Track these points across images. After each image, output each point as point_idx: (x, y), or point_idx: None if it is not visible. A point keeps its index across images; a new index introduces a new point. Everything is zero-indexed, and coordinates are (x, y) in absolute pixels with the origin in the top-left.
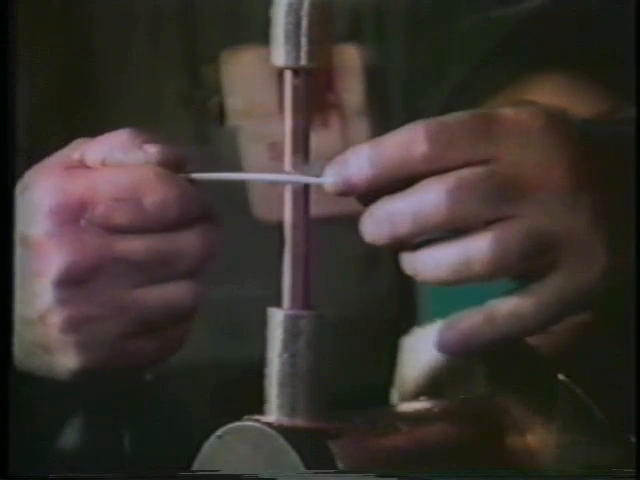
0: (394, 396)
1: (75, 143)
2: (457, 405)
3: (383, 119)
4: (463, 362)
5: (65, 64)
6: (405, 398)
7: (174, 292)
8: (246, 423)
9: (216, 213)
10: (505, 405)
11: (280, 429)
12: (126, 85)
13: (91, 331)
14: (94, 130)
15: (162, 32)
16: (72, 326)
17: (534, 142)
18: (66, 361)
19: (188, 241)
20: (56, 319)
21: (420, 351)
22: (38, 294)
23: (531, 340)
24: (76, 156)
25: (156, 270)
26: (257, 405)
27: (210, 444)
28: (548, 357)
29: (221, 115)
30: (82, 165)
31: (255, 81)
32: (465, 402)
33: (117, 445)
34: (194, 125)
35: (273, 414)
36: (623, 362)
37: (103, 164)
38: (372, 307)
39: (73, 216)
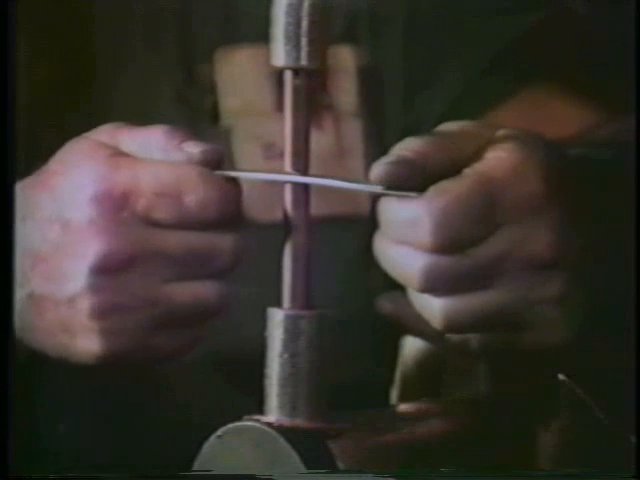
0: (394, 396)
1: (106, 127)
2: (457, 405)
3: (377, 120)
4: (464, 362)
5: (61, 62)
6: (405, 398)
7: (203, 290)
8: (246, 423)
9: (249, 215)
10: (505, 405)
11: (280, 429)
12: (121, 83)
13: (118, 320)
14: (90, 127)
15: (158, 31)
16: (100, 313)
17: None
18: (88, 345)
19: (223, 242)
20: (86, 304)
21: (420, 351)
22: (70, 277)
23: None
24: (111, 142)
25: (189, 267)
26: (257, 405)
27: (210, 444)
28: (548, 357)
29: (215, 114)
30: (125, 154)
31: (250, 80)
32: (465, 402)
33: (117, 445)
34: (188, 124)
35: (273, 414)
36: (623, 362)
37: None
38: (372, 307)
39: (115, 205)
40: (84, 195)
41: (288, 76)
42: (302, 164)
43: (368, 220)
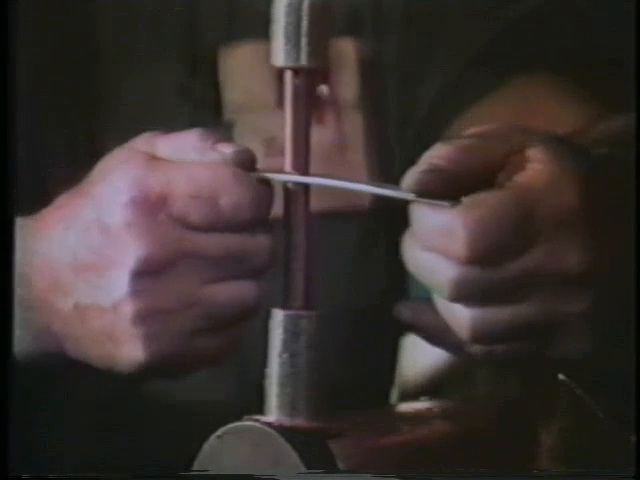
0: (394, 396)
1: (142, 136)
2: (457, 405)
3: (378, 114)
4: (464, 362)
5: (64, 57)
6: (405, 398)
7: (241, 290)
8: (246, 423)
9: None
10: (505, 405)
11: (280, 429)
12: (125, 78)
13: (161, 324)
14: (93, 123)
15: (162, 25)
16: (143, 318)
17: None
18: (132, 352)
19: (259, 242)
20: (129, 309)
21: (420, 351)
22: (114, 283)
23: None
24: (147, 149)
25: (226, 268)
26: (257, 405)
27: (210, 444)
28: (548, 357)
29: (218, 109)
30: (160, 158)
31: (252, 76)
32: (465, 402)
33: (117, 445)
34: (191, 118)
35: (273, 414)
36: (623, 362)
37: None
38: (372, 307)
39: (152, 209)
40: (121, 199)
41: (288, 76)
42: (302, 163)
43: (369, 214)
